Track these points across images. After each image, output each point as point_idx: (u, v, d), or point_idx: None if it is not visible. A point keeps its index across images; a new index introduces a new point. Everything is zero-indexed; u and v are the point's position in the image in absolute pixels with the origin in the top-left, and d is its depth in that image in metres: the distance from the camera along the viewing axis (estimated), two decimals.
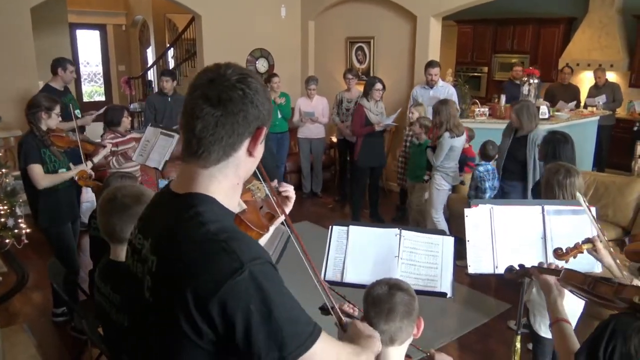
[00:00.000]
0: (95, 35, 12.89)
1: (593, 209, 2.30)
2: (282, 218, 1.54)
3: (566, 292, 1.81)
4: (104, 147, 4.25)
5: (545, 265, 2.00)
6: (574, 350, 1.59)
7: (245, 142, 1.12)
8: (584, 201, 2.22)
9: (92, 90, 13.24)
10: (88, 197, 5.96)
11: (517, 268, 2.07)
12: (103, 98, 13.12)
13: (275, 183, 1.62)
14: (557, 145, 3.64)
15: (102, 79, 13.21)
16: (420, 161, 5.27)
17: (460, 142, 4.83)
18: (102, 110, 5.71)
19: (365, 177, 6.02)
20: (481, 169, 4.77)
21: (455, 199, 5.22)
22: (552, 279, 1.83)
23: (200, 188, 1.12)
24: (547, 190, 2.79)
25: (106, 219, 1.90)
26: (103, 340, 2.34)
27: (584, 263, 2.16)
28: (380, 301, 1.60)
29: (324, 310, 1.98)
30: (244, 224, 1.27)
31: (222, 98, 1.07)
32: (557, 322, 1.75)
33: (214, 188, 1.12)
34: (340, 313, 1.51)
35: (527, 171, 4.47)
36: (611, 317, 1.51)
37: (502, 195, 4.63)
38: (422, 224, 5.29)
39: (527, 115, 4.42)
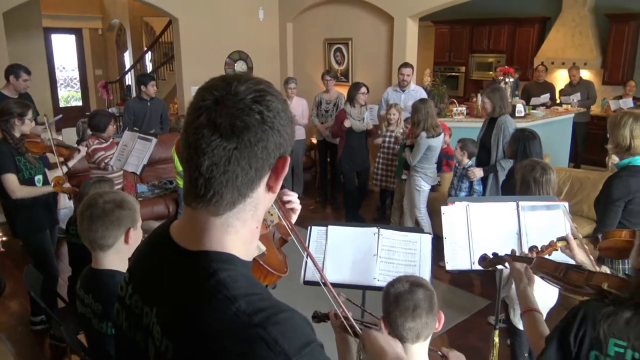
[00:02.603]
0: (70, 39, 12.74)
1: (566, 204, 2.34)
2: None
3: (544, 284, 1.84)
4: (79, 151, 4.19)
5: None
6: (544, 336, 1.62)
7: (265, 178, 0.89)
8: (567, 215, 2.25)
9: (69, 95, 13.07)
10: (65, 203, 5.88)
11: (491, 256, 2.11)
12: (80, 103, 12.97)
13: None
14: (527, 142, 3.73)
15: (78, 83, 13.05)
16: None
17: (438, 142, 4.87)
18: (58, 117, 5.66)
19: (352, 178, 6.04)
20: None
21: (436, 197, 5.26)
22: (522, 267, 1.87)
23: (215, 243, 0.88)
24: (523, 187, 2.84)
25: (87, 226, 1.86)
26: (85, 349, 2.32)
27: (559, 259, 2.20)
28: (404, 299, 1.59)
29: (318, 318, 1.98)
30: (263, 270, 1.10)
31: (236, 126, 0.82)
32: (527, 311, 1.80)
33: (231, 241, 0.89)
34: (352, 321, 1.46)
35: (490, 155, 4.57)
36: (581, 303, 1.54)
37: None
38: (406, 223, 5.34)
39: (499, 97, 4.53)
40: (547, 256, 2.10)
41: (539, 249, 2.11)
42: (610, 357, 1.42)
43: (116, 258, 1.87)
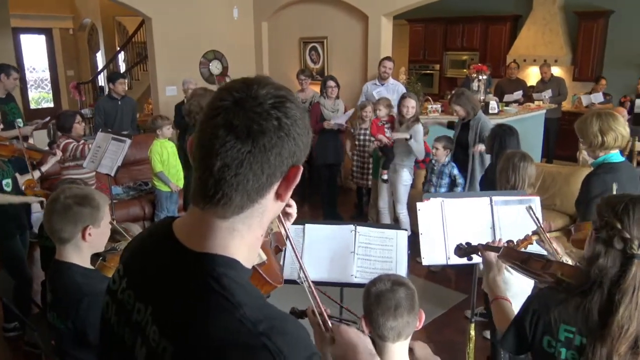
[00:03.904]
0: (40, 39, 12.48)
1: (537, 198, 2.39)
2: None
3: (516, 275, 1.89)
4: (54, 154, 4.12)
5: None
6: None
7: (275, 185, 0.87)
8: (533, 215, 2.30)
9: (40, 96, 12.81)
10: (38, 207, 5.76)
11: (465, 246, 2.16)
12: (51, 104, 12.71)
13: None
14: (505, 138, 3.79)
15: (49, 84, 12.79)
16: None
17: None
18: (46, 120, 5.56)
19: (323, 173, 6.07)
20: (455, 172, 4.82)
21: (413, 195, 5.30)
22: (493, 256, 1.94)
23: (221, 246, 0.87)
24: (502, 175, 2.93)
25: (48, 218, 1.89)
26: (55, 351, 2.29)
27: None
28: (385, 298, 1.58)
29: (295, 314, 1.98)
30: (262, 279, 1.07)
31: (252, 129, 0.81)
32: (496, 299, 1.85)
33: (235, 246, 0.88)
34: (325, 317, 1.47)
35: (468, 156, 4.66)
36: (538, 291, 1.63)
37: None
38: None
39: (466, 100, 4.63)
40: (523, 249, 2.16)
41: (515, 243, 2.16)
42: (561, 342, 1.48)
43: (75, 253, 1.88)
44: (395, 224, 5.02)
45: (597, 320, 1.40)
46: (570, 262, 1.91)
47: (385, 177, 5.22)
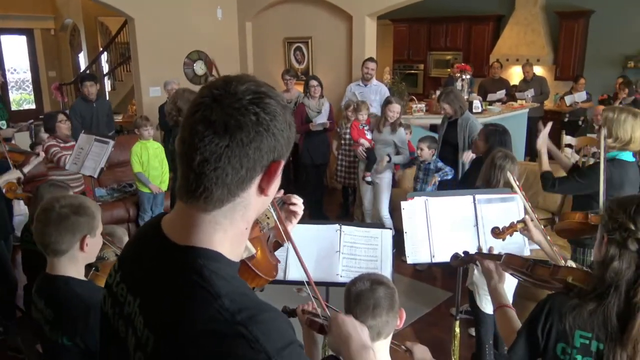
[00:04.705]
0: (21, 40, 12.30)
1: (519, 196, 2.42)
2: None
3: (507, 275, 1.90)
4: (37, 155, 4.07)
5: (484, 251, 2.10)
6: (517, 331, 1.66)
7: (257, 179, 0.89)
8: (514, 180, 2.33)
9: (21, 98, 12.63)
10: (20, 209, 5.69)
11: (462, 255, 2.15)
12: (33, 106, 12.54)
13: (280, 193, 1.42)
14: (502, 137, 3.85)
15: (31, 86, 12.62)
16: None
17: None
18: (29, 122, 5.51)
19: (309, 174, 6.07)
20: (439, 164, 4.85)
21: (397, 194, 5.33)
22: (493, 264, 1.89)
23: (203, 240, 0.89)
24: (486, 172, 2.96)
25: (41, 230, 1.79)
26: (41, 358, 2.26)
27: (513, 247, 2.29)
28: (364, 297, 1.60)
29: (287, 313, 1.99)
30: (251, 272, 1.08)
31: (230, 124, 0.83)
32: (500, 307, 1.81)
33: (219, 239, 0.90)
34: (327, 311, 1.46)
35: (457, 154, 4.70)
36: (548, 297, 1.58)
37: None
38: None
39: (454, 98, 4.68)
40: (508, 236, 2.18)
41: (500, 230, 2.17)
42: (577, 348, 1.45)
43: (71, 265, 1.81)
44: (380, 223, 5.04)
45: (616, 325, 1.38)
46: (574, 265, 1.89)
47: (368, 179, 5.23)
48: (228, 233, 0.91)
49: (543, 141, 3.26)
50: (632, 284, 1.36)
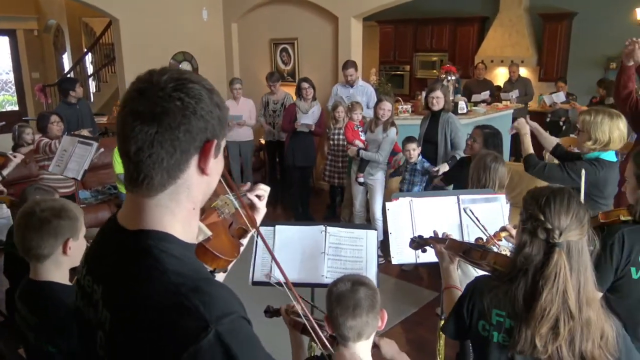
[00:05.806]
0: (4, 41, 12.14)
1: (503, 197, 2.44)
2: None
3: None
4: (14, 157, 4.00)
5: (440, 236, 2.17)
6: None
7: (193, 160, 0.93)
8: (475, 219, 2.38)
9: (4, 99, 12.47)
10: (3, 213, 5.61)
11: (417, 238, 2.22)
12: (16, 107, 12.39)
13: (247, 185, 1.48)
14: (496, 139, 3.90)
15: (14, 87, 12.46)
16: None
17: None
18: (1, 124, 5.52)
19: (295, 175, 6.07)
20: (426, 165, 4.87)
21: (386, 194, 5.34)
22: (441, 247, 2.01)
23: (152, 223, 0.94)
24: (474, 173, 2.99)
25: (22, 235, 1.76)
26: None
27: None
28: (345, 298, 1.61)
29: (270, 312, 2.00)
30: (210, 254, 1.11)
31: (156, 112, 0.88)
32: (447, 288, 1.93)
33: (167, 221, 0.95)
34: (319, 331, 1.52)
35: (437, 149, 4.76)
36: (475, 279, 1.71)
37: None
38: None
39: (448, 93, 4.84)
40: (492, 246, 2.21)
41: (484, 241, 2.21)
42: (493, 325, 1.56)
43: (54, 269, 1.78)
44: (367, 224, 5.05)
45: (522, 305, 1.49)
46: (507, 249, 2.04)
47: (361, 179, 5.23)
48: (177, 215, 0.96)
49: (523, 124, 3.33)
50: (539, 268, 1.47)
